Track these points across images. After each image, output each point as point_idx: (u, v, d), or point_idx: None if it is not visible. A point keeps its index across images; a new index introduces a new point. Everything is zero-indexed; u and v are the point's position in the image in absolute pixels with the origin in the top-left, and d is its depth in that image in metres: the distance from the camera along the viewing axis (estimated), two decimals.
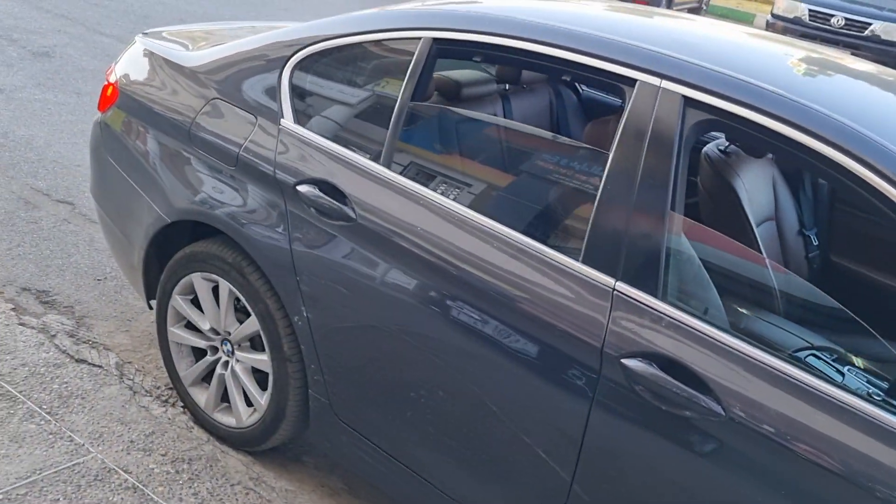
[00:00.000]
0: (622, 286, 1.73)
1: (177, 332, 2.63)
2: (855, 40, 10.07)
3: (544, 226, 1.90)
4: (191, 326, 2.64)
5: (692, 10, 13.97)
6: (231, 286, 2.39)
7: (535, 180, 1.94)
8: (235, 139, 2.32)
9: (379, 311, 2.04)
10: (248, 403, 2.54)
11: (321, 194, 2.12)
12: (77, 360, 2.87)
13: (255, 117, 2.31)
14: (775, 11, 11.00)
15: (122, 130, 2.67)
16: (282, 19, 9.34)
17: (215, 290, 2.50)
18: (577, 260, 1.79)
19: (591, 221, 1.78)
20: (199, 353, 2.67)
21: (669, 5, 11.80)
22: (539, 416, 1.83)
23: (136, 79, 2.67)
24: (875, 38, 10.00)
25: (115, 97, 2.72)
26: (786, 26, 10.49)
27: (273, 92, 2.30)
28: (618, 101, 3.29)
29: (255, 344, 2.48)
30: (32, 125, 4.80)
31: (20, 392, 2.64)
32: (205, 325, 2.54)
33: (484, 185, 2.03)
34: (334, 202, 2.09)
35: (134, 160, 2.60)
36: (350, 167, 2.10)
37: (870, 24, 10.08)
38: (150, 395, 2.78)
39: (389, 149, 2.07)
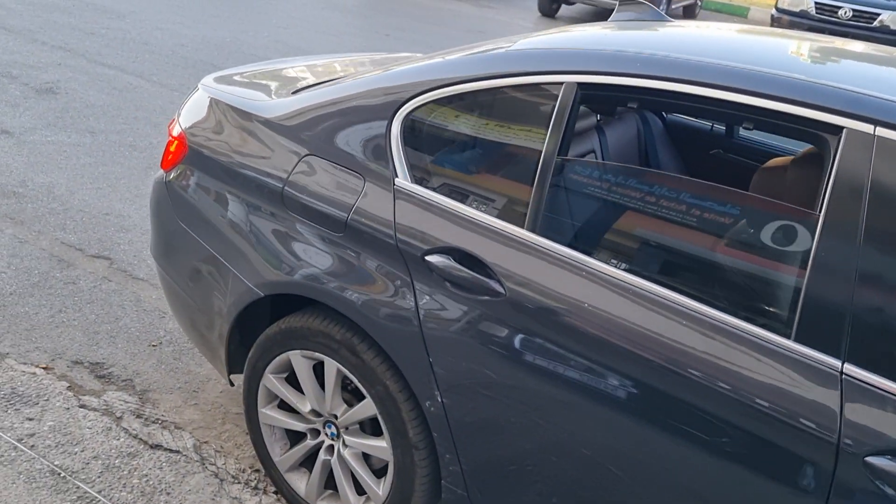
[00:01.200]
0: (852, 369, 1.49)
1: (270, 414, 2.36)
2: (864, 32, 9.94)
3: (742, 299, 1.66)
4: (286, 406, 2.37)
5: (687, 8, 13.83)
6: (340, 366, 2.13)
7: (723, 245, 1.70)
8: (341, 203, 2.05)
9: (536, 398, 1.78)
10: (359, 491, 2.28)
11: (458, 265, 1.86)
12: (151, 446, 2.59)
13: (363, 177, 2.04)
14: (780, 6, 10.85)
15: (196, 192, 2.39)
16: (335, 50, 9.03)
17: (317, 368, 2.24)
18: (789, 338, 1.55)
19: (803, 293, 1.54)
20: (295, 436, 2.41)
21: (668, 5, 11.63)
22: None
23: (208, 133, 2.40)
24: (884, 29, 9.88)
25: (182, 154, 2.45)
26: (792, 20, 10.35)
27: (381, 147, 2.04)
28: (708, 125, 3.06)
29: (364, 427, 2.22)
30: (50, 171, 4.49)
31: (99, 492, 2.35)
32: (305, 407, 2.28)
33: (659, 251, 1.78)
34: (476, 274, 1.84)
35: (213, 226, 2.33)
36: (490, 234, 1.84)
37: (878, 15, 9.95)
38: (239, 482, 2.51)
39: (535, 211, 1.82)
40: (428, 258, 1.90)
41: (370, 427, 2.23)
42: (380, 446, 2.13)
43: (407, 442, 2.05)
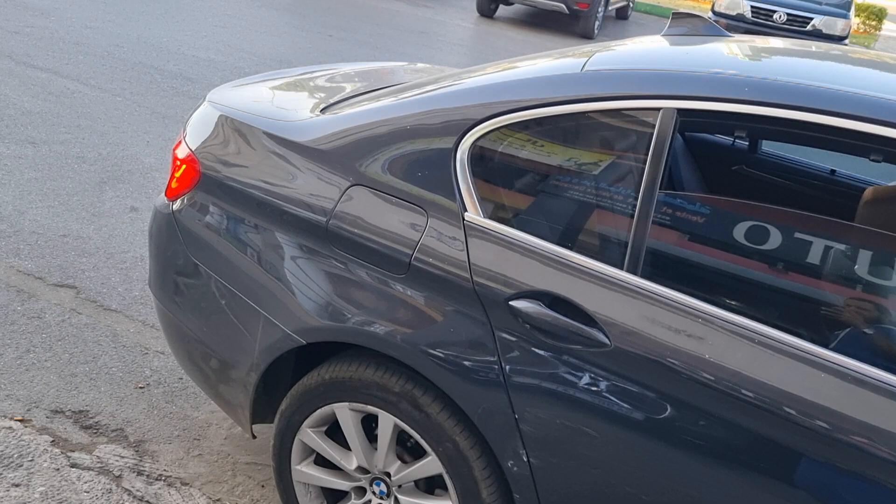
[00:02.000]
0: None
1: (306, 472, 2.11)
2: (798, 35, 10.20)
3: (890, 348, 1.53)
4: (323, 462, 2.13)
5: (620, 10, 13.95)
6: (398, 420, 1.91)
7: (860, 290, 1.56)
8: (401, 240, 1.83)
9: (644, 459, 1.61)
10: None
11: (553, 312, 1.66)
12: None
13: (424, 211, 1.82)
14: (717, 9, 11.05)
15: (213, 224, 2.12)
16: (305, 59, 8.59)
17: (365, 422, 2.01)
18: None
19: None
20: (334, 496, 2.17)
21: (606, 7, 11.69)
22: None
23: (225, 157, 2.13)
24: (817, 33, 10.18)
25: (193, 180, 2.17)
26: (728, 23, 10.55)
27: (444, 177, 1.82)
28: (729, 139, 2.96)
29: (419, 484, 2.01)
30: None
31: None
32: (350, 464, 2.04)
33: (786, 297, 1.63)
34: (575, 322, 1.65)
35: (237, 264, 2.06)
36: (587, 277, 1.65)
37: (811, 19, 10.25)
38: None
39: (636, 251, 1.64)
40: (513, 303, 1.70)
41: (425, 484, 2.02)
42: None
43: None
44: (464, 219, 1.79)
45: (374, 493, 2.06)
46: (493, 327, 1.73)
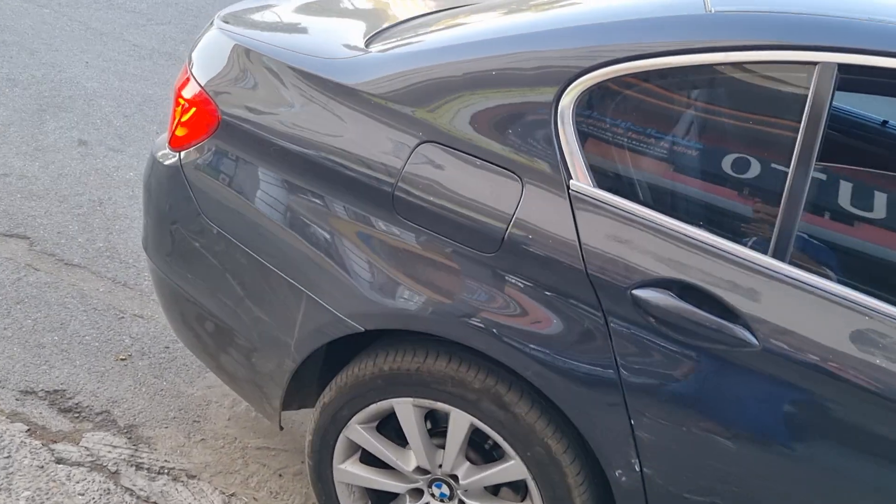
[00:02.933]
0: None
1: (352, 472, 1.83)
2: None
3: None
4: (369, 459, 1.84)
5: None
6: (475, 419, 1.63)
7: None
8: (490, 212, 1.51)
9: (796, 477, 1.39)
10: None
11: (689, 306, 1.39)
12: None
13: (518, 177, 1.51)
14: None
15: (237, 184, 1.75)
16: None
17: (428, 417, 1.74)
18: None
19: None
20: (380, 497, 1.89)
21: None
22: None
23: (249, 100, 1.75)
24: None
25: (209, 127, 1.79)
26: None
27: (543, 137, 1.50)
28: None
29: (488, 486, 1.76)
30: None
31: None
32: (408, 465, 1.77)
33: None
34: (715, 318, 1.39)
35: (270, 233, 1.71)
36: (727, 263, 1.38)
37: None
38: None
39: (786, 235, 1.38)
40: (637, 293, 1.43)
41: (493, 486, 1.78)
42: None
43: None
44: (569, 187, 1.49)
45: (432, 495, 1.80)
46: (607, 319, 1.46)
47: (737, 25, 1.46)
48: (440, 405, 1.66)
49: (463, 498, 1.77)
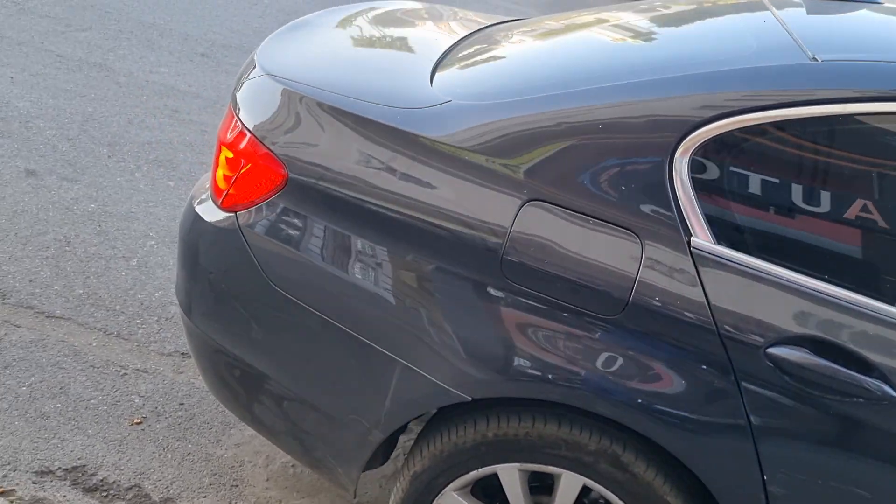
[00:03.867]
0: None
1: None
2: None
3: None
4: None
5: None
6: (589, 481, 1.58)
7: None
8: (612, 274, 1.46)
9: None
10: None
11: (825, 362, 1.39)
12: None
13: (637, 237, 1.46)
14: None
15: (313, 247, 1.63)
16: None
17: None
18: None
19: None
20: None
21: None
22: None
23: (321, 157, 1.62)
24: None
25: (275, 186, 1.64)
26: None
27: (659, 192, 1.45)
28: None
29: None
30: None
31: None
32: None
33: None
34: (854, 373, 1.39)
35: (357, 300, 1.60)
36: (864, 317, 1.39)
37: None
38: None
39: None
40: (772, 350, 1.41)
41: None
42: None
43: None
44: (690, 245, 1.45)
45: None
46: (737, 378, 1.44)
47: (853, 76, 1.45)
48: (552, 469, 1.60)
49: None
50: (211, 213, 1.76)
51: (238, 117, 1.73)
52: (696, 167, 1.46)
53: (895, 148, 1.47)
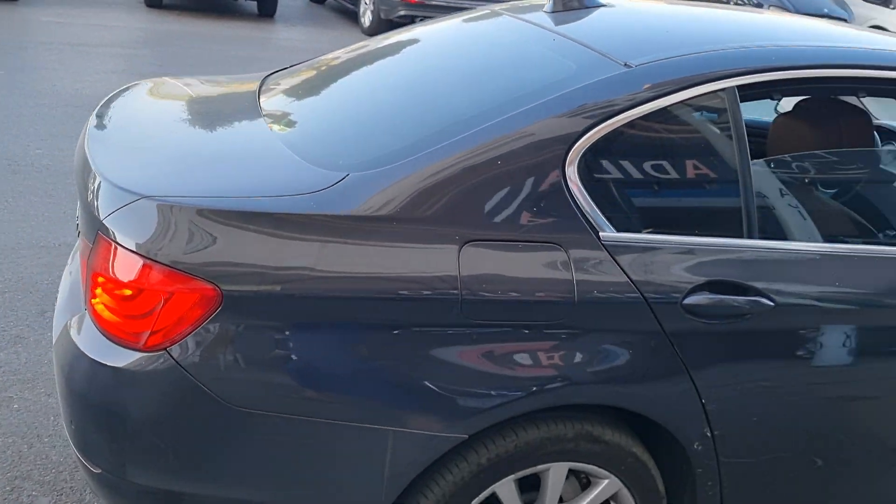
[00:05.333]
0: None
1: None
2: None
3: None
4: None
5: None
6: (572, 463, 1.80)
7: None
8: (554, 283, 1.66)
9: (812, 389, 1.88)
10: None
11: (726, 297, 1.75)
12: None
13: (560, 246, 1.68)
14: None
15: (269, 354, 1.59)
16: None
17: None
18: None
19: None
20: None
21: None
22: None
23: (245, 266, 1.57)
24: None
25: (208, 309, 1.56)
26: None
27: (558, 201, 1.68)
28: None
29: None
30: None
31: None
32: None
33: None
34: (740, 297, 1.77)
35: (328, 389, 1.61)
36: (736, 254, 1.78)
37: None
38: None
39: (748, 217, 1.82)
40: (687, 301, 1.74)
41: None
42: None
43: None
44: (601, 240, 1.72)
45: None
46: (666, 332, 1.75)
47: (664, 72, 1.82)
48: (540, 467, 1.79)
49: None
50: (124, 358, 1.61)
51: (133, 250, 1.58)
52: (582, 175, 1.72)
53: (714, 122, 1.88)
